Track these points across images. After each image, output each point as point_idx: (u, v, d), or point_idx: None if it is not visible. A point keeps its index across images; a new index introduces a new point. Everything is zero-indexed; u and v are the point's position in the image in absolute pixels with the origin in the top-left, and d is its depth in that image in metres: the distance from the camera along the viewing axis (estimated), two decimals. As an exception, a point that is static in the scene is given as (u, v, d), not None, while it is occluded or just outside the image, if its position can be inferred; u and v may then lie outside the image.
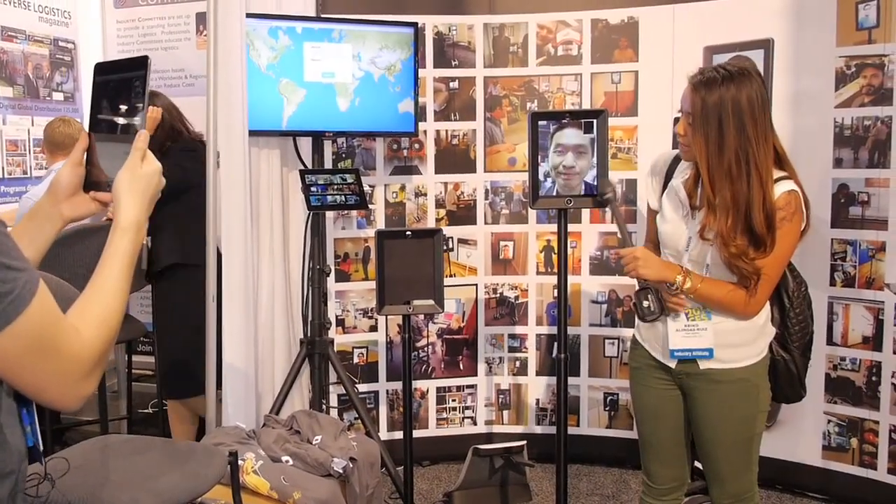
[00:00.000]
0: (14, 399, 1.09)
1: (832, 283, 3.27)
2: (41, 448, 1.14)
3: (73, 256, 3.00)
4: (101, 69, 1.30)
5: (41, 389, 1.02)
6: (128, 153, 1.20)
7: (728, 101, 2.01)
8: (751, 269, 2.04)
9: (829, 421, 3.32)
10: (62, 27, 4.69)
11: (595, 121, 2.45)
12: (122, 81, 1.25)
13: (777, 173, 2.07)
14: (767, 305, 2.20)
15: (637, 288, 2.19)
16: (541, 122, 2.49)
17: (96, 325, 1.07)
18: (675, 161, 2.28)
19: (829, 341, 3.29)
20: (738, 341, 2.17)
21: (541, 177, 2.52)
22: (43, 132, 3.88)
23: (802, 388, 2.28)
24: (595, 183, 2.50)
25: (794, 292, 2.22)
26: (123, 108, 1.24)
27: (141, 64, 1.24)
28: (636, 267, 2.14)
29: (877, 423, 3.21)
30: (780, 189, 2.05)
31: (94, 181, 1.26)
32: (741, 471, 2.24)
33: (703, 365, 2.18)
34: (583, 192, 2.53)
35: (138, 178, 1.19)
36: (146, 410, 4.50)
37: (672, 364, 2.22)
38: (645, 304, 2.15)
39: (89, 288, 1.11)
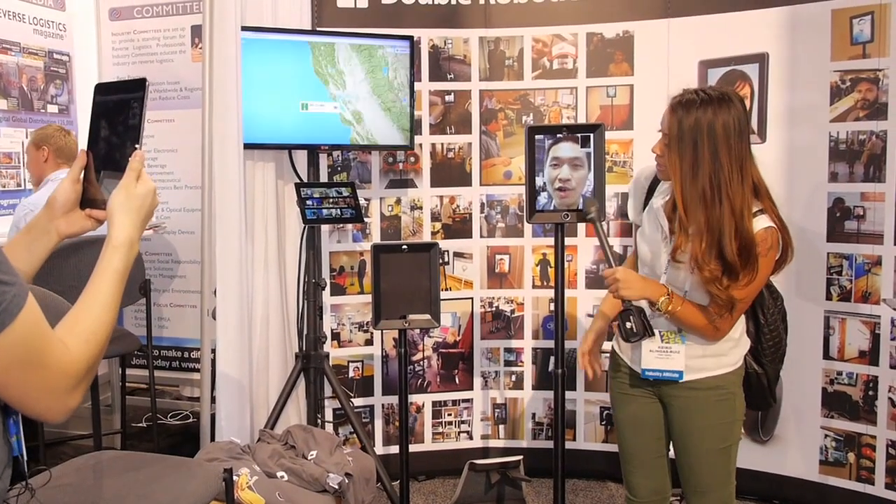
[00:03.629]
0: (1, 410, 1.09)
1: (828, 297, 3.26)
2: (25, 458, 1.15)
3: (69, 269, 2.99)
4: (101, 89, 1.34)
5: (27, 402, 1.03)
6: (123, 173, 1.23)
7: (704, 126, 2.01)
8: (724, 297, 2.05)
9: (825, 435, 3.31)
10: (57, 39, 4.69)
11: (592, 135, 2.44)
12: (120, 102, 1.29)
13: (755, 205, 2.07)
14: (742, 318, 2.24)
15: (621, 308, 2.18)
16: (537, 137, 2.48)
17: (84, 340, 1.08)
18: (656, 181, 2.29)
19: (826, 355, 3.28)
20: (714, 352, 2.21)
21: (537, 191, 2.51)
22: (47, 139, 3.86)
23: (773, 398, 2.34)
24: (593, 196, 2.50)
25: (769, 308, 2.26)
26: (121, 128, 1.28)
27: (140, 86, 1.28)
28: (618, 289, 2.14)
29: (874, 437, 3.21)
30: (758, 225, 2.05)
31: (90, 198, 1.30)
32: (721, 482, 2.26)
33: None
34: (580, 207, 2.52)
35: (133, 197, 1.22)
36: (140, 424, 4.47)
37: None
38: (628, 325, 2.14)
39: (79, 303, 1.13)
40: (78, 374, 1.06)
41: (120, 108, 1.28)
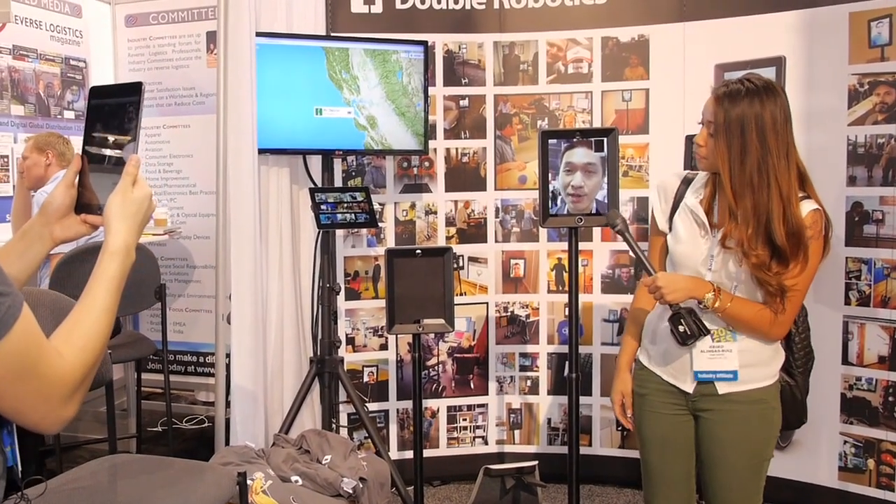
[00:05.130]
0: None
1: (847, 301, 3.23)
2: (20, 469, 1.14)
3: (83, 275, 3.00)
4: (96, 93, 1.31)
5: (22, 412, 1.02)
6: (119, 177, 1.21)
7: (751, 115, 1.99)
8: (775, 283, 2.00)
9: (844, 442, 3.27)
10: (74, 46, 4.73)
11: (605, 139, 2.44)
12: (116, 106, 1.26)
13: (799, 193, 2.05)
14: None
15: (670, 313, 2.11)
16: (551, 141, 2.48)
17: (80, 349, 1.06)
18: (686, 181, 2.26)
19: (845, 361, 3.25)
20: (756, 361, 2.13)
21: (551, 195, 2.51)
22: (50, 144, 3.91)
23: (804, 413, 2.24)
24: (606, 201, 2.49)
25: (798, 317, 2.19)
26: (116, 132, 1.25)
27: (135, 89, 1.25)
28: (662, 295, 2.07)
29: (894, 443, 3.17)
30: (806, 208, 2.03)
31: (85, 203, 1.27)
32: (751, 499, 2.19)
33: (722, 389, 2.13)
34: (594, 211, 2.51)
35: (129, 202, 1.20)
36: (155, 429, 4.49)
37: (689, 388, 2.17)
38: (681, 328, 2.06)
39: (75, 311, 1.11)
40: (74, 384, 1.04)
41: (116, 112, 1.26)
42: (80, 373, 1.05)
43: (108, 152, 1.26)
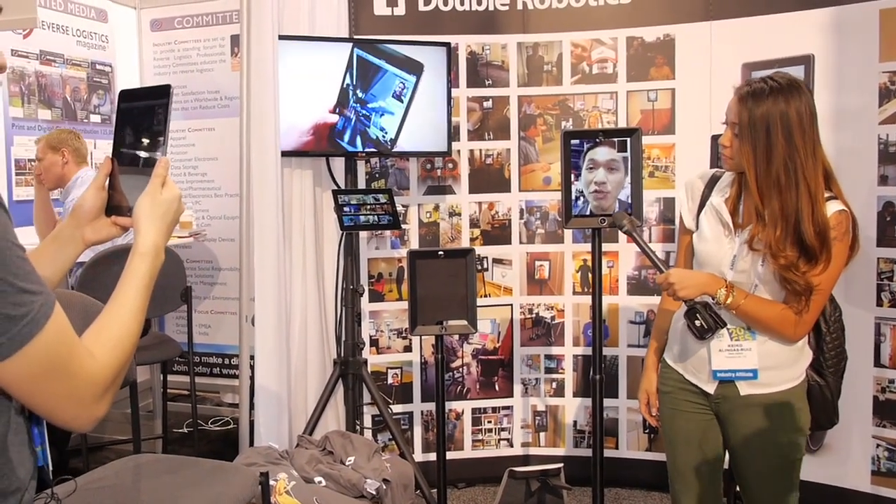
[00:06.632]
0: (27, 419, 1.09)
1: (879, 303, 3.17)
2: (51, 468, 1.15)
3: (112, 278, 3.03)
4: (126, 96, 1.34)
5: (54, 410, 1.03)
6: (148, 179, 1.23)
7: (776, 114, 1.96)
8: (803, 283, 1.97)
9: (877, 445, 3.21)
10: (99, 51, 4.79)
11: (629, 139, 2.41)
12: (145, 109, 1.29)
13: (825, 193, 2.02)
14: None
15: (685, 309, 2.11)
16: (573, 141, 2.46)
17: (111, 348, 1.08)
18: (713, 180, 2.24)
19: (877, 363, 3.19)
20: (778, 363, 2.10)
21: (574, 196, 2.49)
22: (64, 142, 3.93)
23: (836, 414, 2.20)
24: (630, 201, 2.46)
25: (830, 316, 2.16)
26: (146, 135, 1.27)
27: (164, 92, 1.27)
28: (675, 291, 2.07)
29: (927, 448, 3.10)
30: (831, 209, 2.00)
31: (115, 205, 1.29)
32: (784, 498, 2.15)
33: (744, 390, 2.11)
34: (617, 211, 2.49)
35: (158, 203, 1.22)
36: (181, 430, 4.52)
37: (710, 389, 2.15)
38: (697, 323, 2.06)
39: (105, 311, 1.12)
40: (105, 382, 1.06)
41: (145, 115, 1.28)
42: (110, 372, 1.07)
43: (137, 154, 1.28)
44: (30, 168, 4.27)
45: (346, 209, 3.20)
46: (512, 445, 3.80)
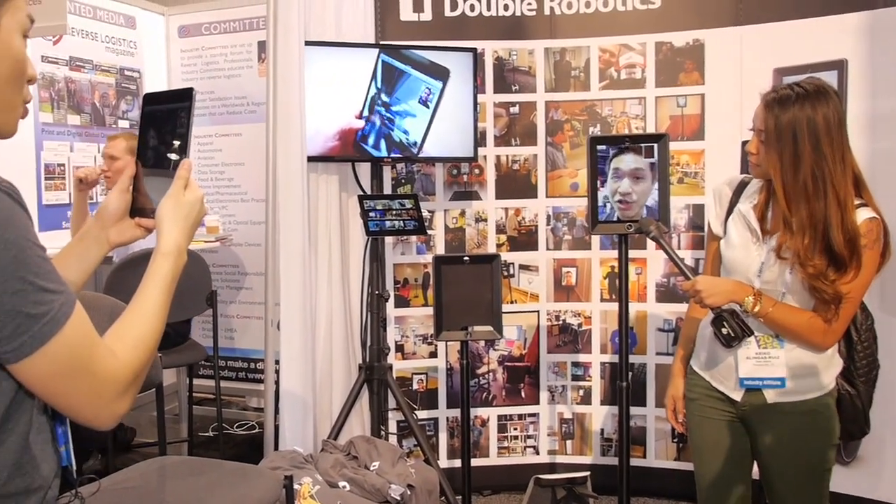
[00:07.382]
0: (50, 418, 1.10)
1: (913, 312, 3.11)
2: (74, 468, 1.16)
3: (136, 280, 3.05)
4: (149, 99, 1.36)
5: (75, 408, 1.04)
6: (171, 181, 1.25)
7: (803, 120, 1.93)
8: (832, 291, 1.94)
9: (910, 458, 3.15)
10: (128, 57, 4.84)
11: (656, 145, 2.39)
12: (168, 112, 1.30)
13: (855, 200, 1.98)
14: None
15: (712, 317, 2.08)
16: (599, 147, 2.44)
17: (132, 347, 1.09)
18: (741, 186, 2.21)
19: (910, 374, 3.12)
20: (807, 371, 2.06)
21: (600, 202, 2.46)
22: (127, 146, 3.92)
23: (867, 424, 2.16)
24: (657, 207, 2.44)
25: (861, 325, 2.11)
26: (169, 137, 1.29)
27: (186, 95, 1.28)
28: (702, 299, 2.05)
29: (963, 461, 3.03)
30: (861, 216, 1.97)
31: (139, 207, 1.32)
32: None
33: (771, 398, 2.08)
34: (644, 217, 2.46)
35: (181, 205, 1.23)
36: (207, 434, 4.54)
37: (737, 396, 2.12)
38: (724, 330, 2.03)
39: (128, 310, 1.14)
40: (126, 381, 1.07)
41: (168, 118, 1.29)
42: (132, 370, 1.08)
43: (160, 157, 1.30)
44: (58, 172, 4.32)
45: (371, 214, 3.20)
46: (538, 453, 3.77)
